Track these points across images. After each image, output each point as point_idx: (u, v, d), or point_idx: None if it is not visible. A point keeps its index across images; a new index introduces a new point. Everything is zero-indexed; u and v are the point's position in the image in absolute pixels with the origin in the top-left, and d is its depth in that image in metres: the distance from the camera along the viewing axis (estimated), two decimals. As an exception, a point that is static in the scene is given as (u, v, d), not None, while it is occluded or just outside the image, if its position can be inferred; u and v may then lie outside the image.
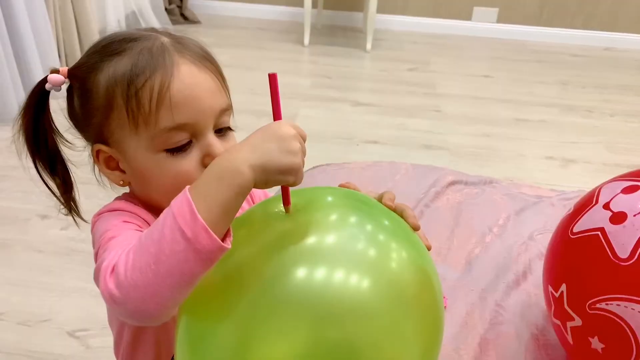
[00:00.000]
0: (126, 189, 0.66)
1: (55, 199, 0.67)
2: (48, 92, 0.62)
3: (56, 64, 2.33)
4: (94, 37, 2.51)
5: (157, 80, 0.55)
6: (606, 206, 0.63)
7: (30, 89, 0.61)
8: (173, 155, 0.57)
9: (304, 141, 0.51)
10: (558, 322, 0.67)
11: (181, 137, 0.57)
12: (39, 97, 0.61)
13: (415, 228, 0.59)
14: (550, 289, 0.68)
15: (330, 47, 3.28)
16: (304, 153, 0.50)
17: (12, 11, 2.09)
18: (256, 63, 2.96)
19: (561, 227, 0.70)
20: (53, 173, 0.65)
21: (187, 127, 0.57)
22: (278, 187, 0.53)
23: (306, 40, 3.23)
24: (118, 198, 0.65)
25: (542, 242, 0.95)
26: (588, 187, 1.20)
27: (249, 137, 0.49)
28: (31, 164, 0.65)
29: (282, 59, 3.07)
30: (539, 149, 2.23)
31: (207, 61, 0.60)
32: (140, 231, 0.56)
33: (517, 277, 0.87)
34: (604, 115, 2.57)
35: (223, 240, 0.45)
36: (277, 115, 0.52)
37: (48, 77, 0.60)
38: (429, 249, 0.60)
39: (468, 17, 3.56)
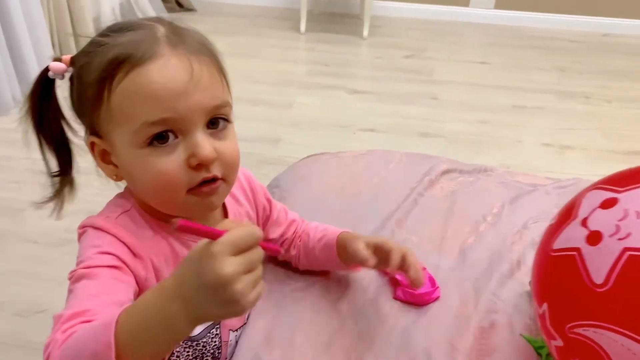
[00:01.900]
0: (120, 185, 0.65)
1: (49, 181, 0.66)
2: (52, 80, 0.61)
3: (50, 54, 2.31)
4: (87, 26, 2.49)
5: (141, 72, 0.54)
6: (584, 223, 0.59)
7: (36, 75, 0.61)
8: (156, 152, 0.55)
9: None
10: (544, 337, 0.64)
11: (164, 135, 0.55)
12: (43, 84, 0.61)
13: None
14: (535, 304, 0.65)
15: (327, 34, 3.25)
16: (253, 282, 0.43)
17: (5, 1, 2.06)
18: (252, 50, 2.94)
19: (545, 240, 0.66)
20: (59, 159, 0.64)
21: (170, 122, 0.55)
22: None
23: (302, 27, 3.20)
24: (110, 203, 0.64)
25: (537, 230, 0.94)
26: (585, 173, 1.21)
27: (182, 280, 0.44)
28: (27, 154, 0.65)
29: (278, 46, 3.05)
30: (536, 135, 2.23)
31: (205, 55, 0.58)
32: (115, 268, 0.55)
33: (512, 266, 0.86)
34: (602, 102, 2.56)
35: None
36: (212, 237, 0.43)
37: (50, 65, 0.60)
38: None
39: (465, 4, 3.54)
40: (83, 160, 0.67)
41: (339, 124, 2.25)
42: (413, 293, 0.81)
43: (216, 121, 0.58)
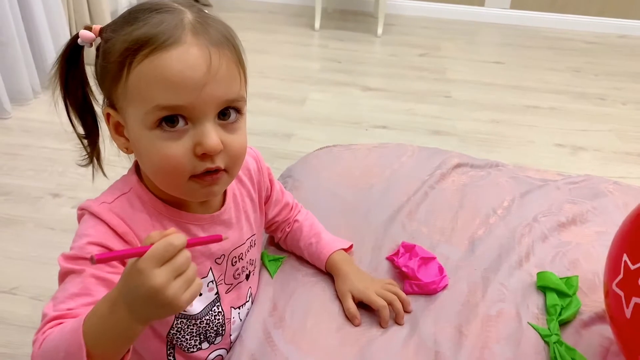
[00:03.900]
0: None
1: (80, 148, 0.69)
2: (81, 48, 0.63)
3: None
4: (105, 19, 2.52)
5: (161, 56, 0.55)
6: None
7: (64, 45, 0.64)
8: (164, 135, 0.57)
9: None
10: (621, 293, 0.63)
11: (173, 118, 0.56)
12: (71, 51, 0.63)
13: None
14: (625, 257, 0.63)
15: (341, 32, 3.26)
16: (185, 283, 0.48)
17: (26, -7, 2.11)
18: (266, 46, 2.96)
19: None
20: (83, 123, 0.67)
21: (181, 109, 0.56)
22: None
23: (317, 24, 3.22)
24: (112, 185, 0.66)
25: (546, 224, 0.95)
26: (598, 174, 1.21)
27: (122, 293, 0.48)
28: (44, 144, 0.67)
29: (292, 42, 3.07)
30: (549, 136, 2.22)
31: (226, 48, 0.58)
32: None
33: (520, 258, 0.87)
34: (616, 103, 2.55)
35: None
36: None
37: (79, 33, 0.62)
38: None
39: (481, 3, 3.53)
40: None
41: (351, 120, 2.26)
42: (420, 284, 0.82)
43: (227, 112, 0.59)
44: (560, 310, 0.76)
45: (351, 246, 0.89)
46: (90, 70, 0.65)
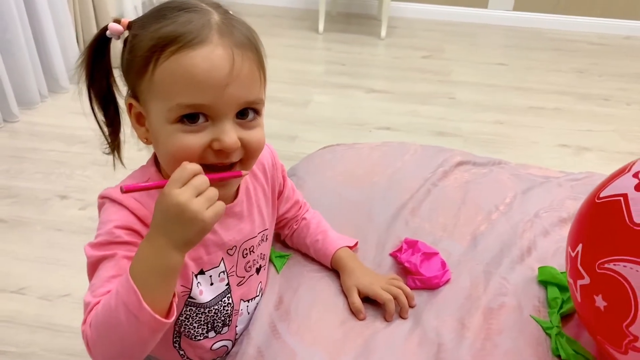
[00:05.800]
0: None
1: (102, 138, 0.70)
2: (108, 39, 0.65)
3: (74, 50, 2.37)
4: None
5: (187, 55, 0.56)
6: (636, 175, 0.64)
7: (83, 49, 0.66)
8: (184, 129, 0.58)
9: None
10: (571, 280, 0.69)
11: (195, 115, 0.58)
12: (99, 41, 0.65)
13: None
14: (569, 249, 0.70)
15: (345, 35, 3.28)
16: (206, 201, 0.54)
17: (34, 1, 2.13)
18: (271, 50, 2.89)
19: (591, 194, 0.71)
20: (105, 113, 0.68)
21: (202, 107, 0.58)
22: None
23: (321, 28, 3.24)
24: (131, 174, 0.68)
25: (548, 219, 0.96)
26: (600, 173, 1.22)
27: (156, 223, 0.55)
28: (52, 147, 0.69)
29: (296, 45, 3.09)
30: (553, 136, 2.23)
31: (249, 50, 0.60)
32: (129, 244, 0.61)
33: (522, 252, 0.88)
34: (621, 104, 2.55)
35: (169, 310, 0.56)
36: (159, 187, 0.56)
37: (108, 26, 0.63)
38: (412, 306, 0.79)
39: (484, 5, 3.54)
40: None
41: (355, 122, 2.28)
42: (423, 279, 0.83)
43: (246, 112, 0.61)
44: (561, 303, 0.77)
45: (356, 244, 0.90)
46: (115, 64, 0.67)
